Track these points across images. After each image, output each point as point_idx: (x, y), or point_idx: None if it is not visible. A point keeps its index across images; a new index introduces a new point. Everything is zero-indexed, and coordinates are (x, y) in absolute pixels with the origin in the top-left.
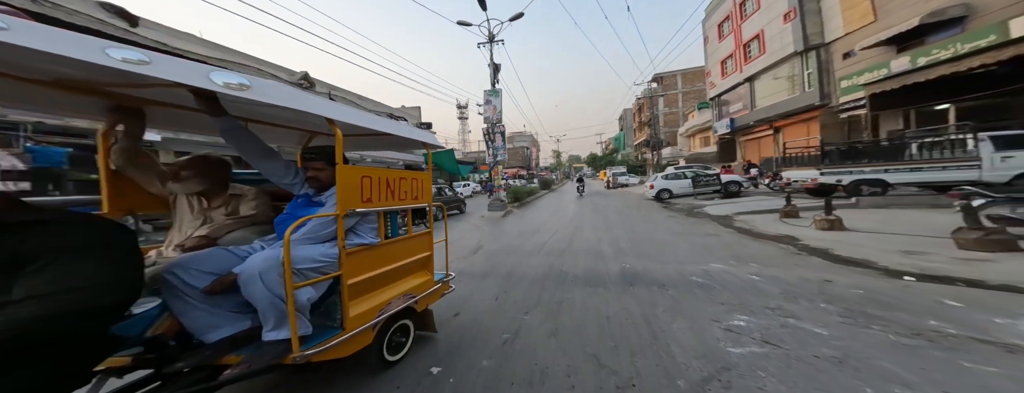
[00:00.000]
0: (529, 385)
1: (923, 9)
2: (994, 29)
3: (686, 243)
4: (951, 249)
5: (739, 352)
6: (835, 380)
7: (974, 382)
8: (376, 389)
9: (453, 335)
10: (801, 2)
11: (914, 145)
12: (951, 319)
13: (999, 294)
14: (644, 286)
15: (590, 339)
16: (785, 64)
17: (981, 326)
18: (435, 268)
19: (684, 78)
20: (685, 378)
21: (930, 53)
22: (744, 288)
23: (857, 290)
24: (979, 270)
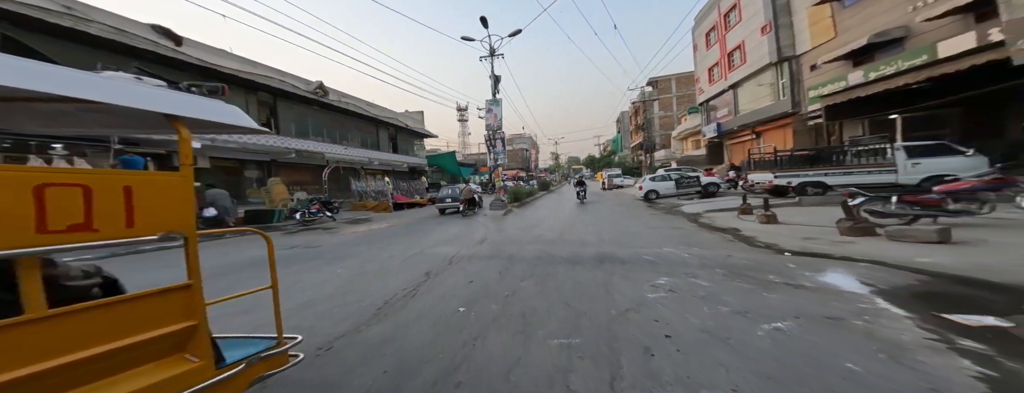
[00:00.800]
0: (522, 316)
1: (873, 28)
2: (926, 50)
3: (655, 234)
4: (834, 235)
5: (653, 296)
6: (695, 306)
7: (762, 302)
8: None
9: (471, 292)
10: (776, 17)
11: (850, 153)
12: (783, 274)
13: (833, 261)
14: (610, 263)
15: (565, 294)
16: (763, 73)
17: (794, 278)
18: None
19: (678, 82)
20: (617, 309)
21: (879, 69)
22: (677, 263)
23: (747, 262)
24: (837, 248)
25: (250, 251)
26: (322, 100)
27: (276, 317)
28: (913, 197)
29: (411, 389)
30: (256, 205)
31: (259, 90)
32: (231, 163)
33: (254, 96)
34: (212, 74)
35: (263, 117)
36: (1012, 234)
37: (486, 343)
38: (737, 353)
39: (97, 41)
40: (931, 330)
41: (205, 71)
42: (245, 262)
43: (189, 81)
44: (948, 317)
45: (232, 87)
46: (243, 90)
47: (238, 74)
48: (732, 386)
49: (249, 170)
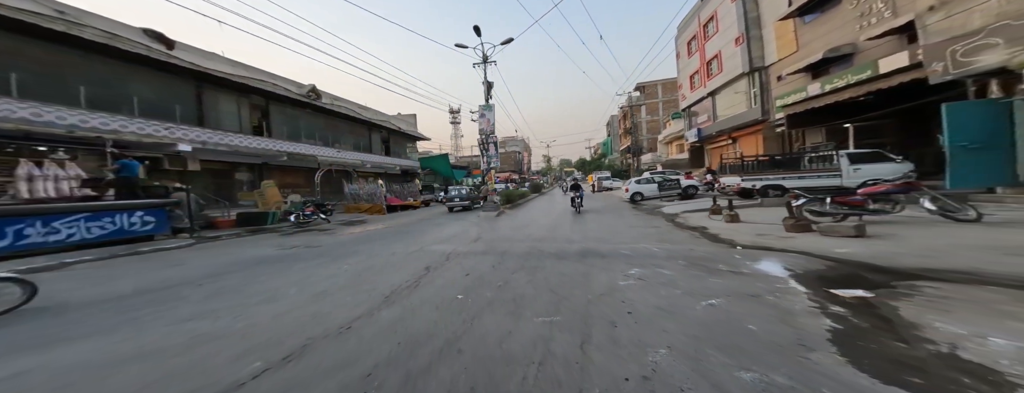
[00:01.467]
0: (513, 301)
1: (828, 44)
2: (870, 66)
3: (634, 232)
4: (781, 231)
5: (624, 283)
6: (656, 290)
7: (706, 285)
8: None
9: (468, 282)
10: (748, 29)
11: (805, 159)
12: (729, 264)
13: (772, 253)
14: (592, 257)
15: (551, 283)
16: (738, 82)
17: (737, 266)
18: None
19: (663, 88)
20: (593, 293)
21: (832, 81)
22: (648, 256)
23: (705, 254)
24: (779, 242)
25: (253, 250)
26: (315, 103)
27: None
28: (843, 198)
29: (422, 355)
30: (248, 208)
31: (252, 93)
32: (221, 166)
33: (247, 99)
34: (205, 78)
35: (255, 120)
36: (913, 229)
37: (482, 321)
38: (678, 322)
39: (90, 45)
40: (816, 301)
41: (198, 75)
42: (249, 261)
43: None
44: (832, 291)
45: (225, 90)
46: (236, 93)
47: (231, 78)
48: (668, 344)
49: (240, 173)
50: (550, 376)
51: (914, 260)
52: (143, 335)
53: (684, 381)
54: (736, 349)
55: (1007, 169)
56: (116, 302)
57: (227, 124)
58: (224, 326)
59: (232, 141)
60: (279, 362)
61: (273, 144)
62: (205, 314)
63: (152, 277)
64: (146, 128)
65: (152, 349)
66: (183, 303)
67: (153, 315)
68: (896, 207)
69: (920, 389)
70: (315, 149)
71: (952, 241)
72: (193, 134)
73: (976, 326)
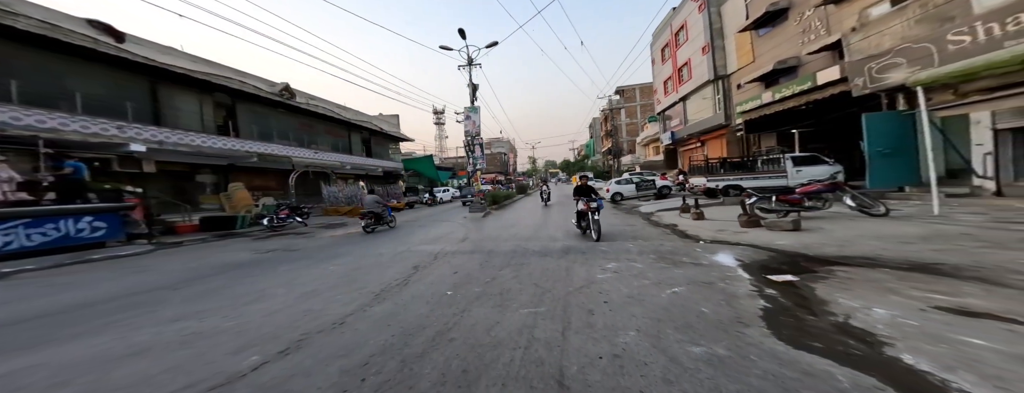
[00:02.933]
0: (500, 295)
1: (777, 56)
2: (810, 78)
3: (612, 230)
4: (736, 227)
5: (601, 276)
6: (628, 281)
7: (671, 276)
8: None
9: (457, 279)
10: (712, 39)
11: (758, 161)
12: (691, 256)
13: (728, 246)
14: (573, 253)
15: (535, 278)
16: (705, 88)
17: (698, 258)
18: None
19: (641, 92)
20: (573, 286)
21: (781, 91)
22: (624, 251)
23: (672, 248)
24: (734, 237)
25: (225, 255)
26: (288, 102)
27: None
28: (785, 197)
29: (416, 343)
30: (212, 211)
31: (216, 91)
32: (181, 167)
33: (210, 97)
34: (161, 74)
35: (220, 119)
36: (836, 223)
37: (471, 313)
38: (645, 308)
39: (24, 37)
40: (756, 286)
41: (152, 70)
42: (225, 265)
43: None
44: (769, 277)
45: (184, 87)
46: (197, 91)
47: (191, 74)
48: (636, 327)
49: (203, 175)
50: (534, 357)
51: (833, 249)
52: (132, 336)
53: (647, 356)
54: (690, 328)
55: (913, 171)
56: (89, 308)
57: (187, 123)
58: (215, 325)
59: (193, 141)
60: (277, 355)
61: (241, 144)
62: (191, 315)
63: (118, 284)
64: (91, 127)
65: (146, 347)
66: (163, 306)
67: (134, 318)
68: (826, 204)
69: (818, 351)
70: (289, 150)
71: (863, 233)
72: (148, 133)
73: (866, 301)
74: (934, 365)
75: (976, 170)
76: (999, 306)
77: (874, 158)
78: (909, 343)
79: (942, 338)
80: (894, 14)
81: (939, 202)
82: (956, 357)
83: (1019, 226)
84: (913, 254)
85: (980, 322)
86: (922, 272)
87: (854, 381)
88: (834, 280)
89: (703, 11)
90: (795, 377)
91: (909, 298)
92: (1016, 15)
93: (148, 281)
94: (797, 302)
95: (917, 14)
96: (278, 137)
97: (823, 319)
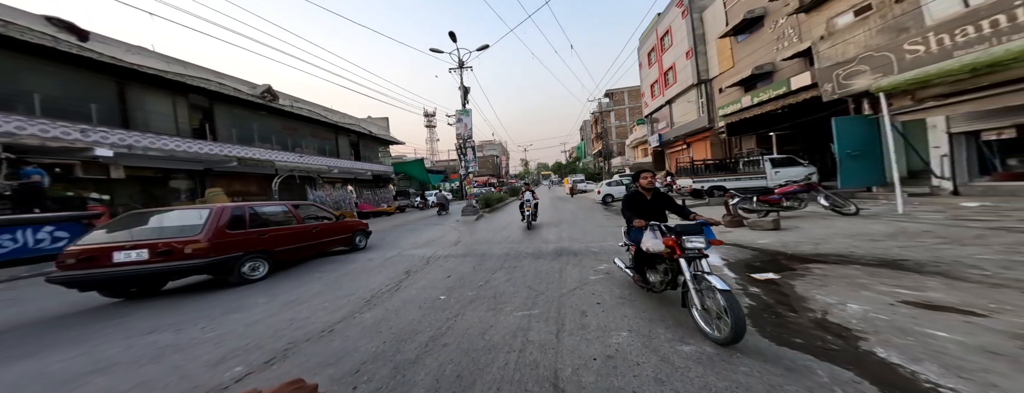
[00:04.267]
0: (493, 298)
1: (755, 62)
2: (785, 83)
3: (603, 231)
4: (721, 227)
5: (594, 278)
6: (620, 283)
7: None
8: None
9: (450, 283)
10: (696, 44)
11: (740, 163)
12: None
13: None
14: (565, 255)
15: (528, 280)
16: (689, 92)
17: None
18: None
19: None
20: (566, 288)
21: (759, 95)
22: (614, 252)
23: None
24: (719, 236)
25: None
26: (271, 105)
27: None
28: (765, 197)
29: (409, 349)
30: None
31: (191, 93)
32: (153, 173)
33: (185, 99)
34: (129, 74)
35: (195, 122)
36: (811, 222)
37: (465, 317)
38: (637, 309)
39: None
40: (741, 283)
41: (120, 71)
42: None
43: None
44: (752, 275)
45: (156, 89)
46: (170, 92)
47: (163, 74)
48: (629, 328)
49: (177, 180)
50: (529, 360)
51: (809, 247)
52: (99, 351)
53: (639, 356)
54: (680, 327)
55: (879, 173)
56: (48, 323)
57: (159, 126)
58: (191, 337)
59: (166, 145)
60: (261, 365)
61: (219, 148)
62: (165, 327)
63: (83, 295)
64: (51, 130)
65: (113, 362)
66: (133, 318)
67: (101, 332)
68: (802, 204)
69: (800, 347)
70: (272, 153)
71: (836, 231)
72: (115, 137)
73: (841, 297)
74: (904, 357)
75: (934, 171)
76: (958, 299)
77: (844, 160)
78: (880, 337)
79: (910, 331)
80: (857, 24)
81: (903, 201)
82: (923, 349)
83: (973, 223)
84: (881, 251)
85: (942, 315)
86: (890, 268)
87: (833, 375)
88: (811, 277)
89: (686, 17)
90: (779, 373)
91: (879, 293)
92: (963, 27)
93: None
94: (779, 299)
95: (878, 24)
96: (260, 140)
97: (803, 316)
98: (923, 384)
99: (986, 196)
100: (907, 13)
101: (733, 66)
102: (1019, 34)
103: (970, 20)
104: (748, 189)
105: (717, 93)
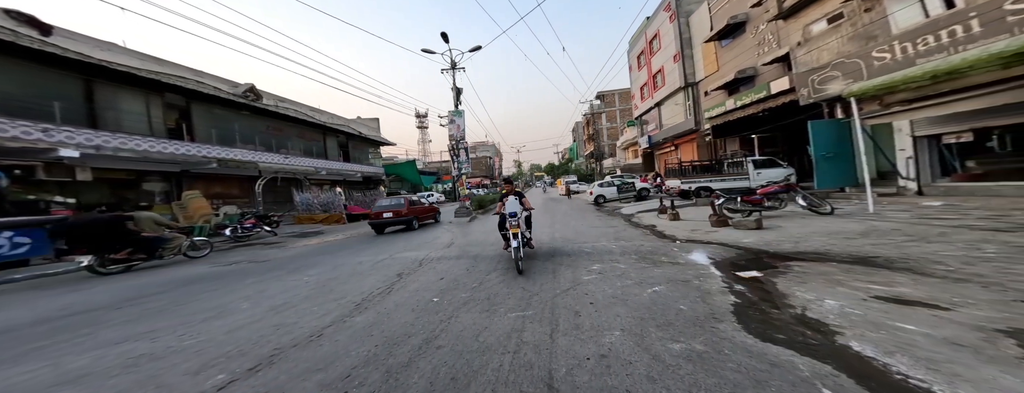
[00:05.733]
0: (487, 299)
1: (738, 66)
2: (765, 87)
3: (595, 232)
4: (708, 226)
5: (587, 277)
6: (612, 282)
7: (651, 275)
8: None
9: (443, 286)
10: (682, 48)
11: (725, 164)
12: (669, 256)
13: (700, 245)
14: (559, 256)
15: (522, 280)
16: (677, 95)
17: (675, 257)
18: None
19: (620, 97)
20: (560, 288)
21: (742, 99)
22: (607, 252)
23: (651, 248)
24: (706, 236)
25: (181, 269)
26: (254, 104)
27: None
28: (748, 197)
29: (401, 353)
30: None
31: (167, 91)
32: (124, 174)
33: (159, 97)
34: (98, 71)
35: (171, 122)
36: (790, 221)
37: (459, 319)
38: (629, 307)
39: None
40: (727, 282)
41: (87, 67)
42: (179, 280)
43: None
44: (737, 273)
45: (128, 87)
46: (143, 90)
47: (136, 72)
48: (621, 327)
49: (151, 182)
50: (523, 361)
51: (790, 246)
52: (66, 362)
53: (631, 355)
54: (670, 325)
55: (852, 174)
56: (8, 333)
57: (131, 126)
58: (168, 345)
59: (139, 145)
60: (246, 373)
61: (198, 149)
62: (139, 336)
63: (47, 304)
64: (10, 130)
65: (83, 373)
66: (103, 327)
67: (69, 342)
68: (782, 204)
69: (782, 342)
70: (255, 155)
71: (814, 230)
72: (81, 137)
73: (819, 293)
74: (877, 351)
75: (901, 172)
76: (925, 294)
77: (819, 161)
78: (856, 331)
79: (882, 325)
80: (830, 31)
81: (873, 201)
82: (894, 342)
83: (937, 222)
84: (855, 249)
85: (911, 309)
86: (863, 265)
87: (813, 369)
88: (792, 275)
89: (674, 21)
90: (763, 369)
91: (853, 289)
92: (924, 37)
93: (84, 301)
94: (762, 297)
95: (849, 32)
96: (242, 141)
97: (784, 312)
98: (895, 376)
99: (947, 196)
100: (875, 22)
101: (718, 70)
102: (974, 44)
103: (930, 30)
104: (733, 190)
105: (703, 96)
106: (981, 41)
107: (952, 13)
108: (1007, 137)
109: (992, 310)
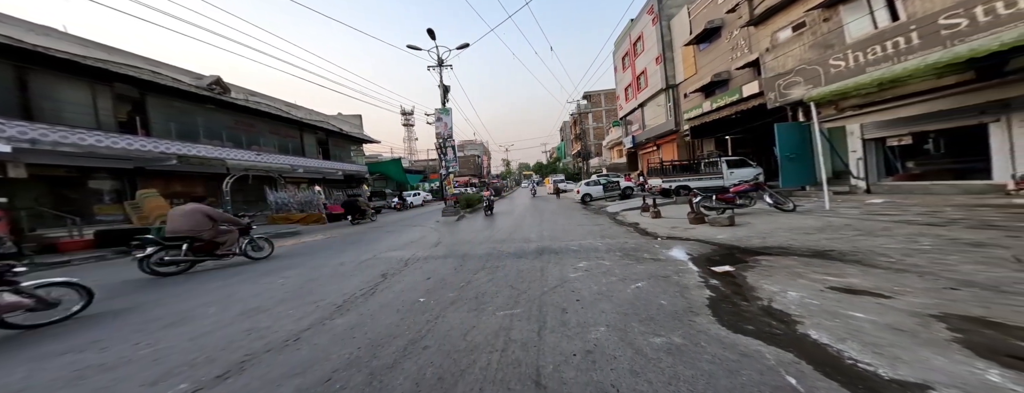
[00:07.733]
0: (475, 298)
1: (714, 70)
2: (738, 90)
3: (582, 230)
4: (686, 224)
5: (573, 275)
6: (598, 279)
7: (634, 271)
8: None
9: (429, 286)
10: (664, 51)
11: (702, 164)
12: (651, 252)
13: (680, 241)
14: (546, 254)
15: (510, 279)
16: (659, 96)
17: (656, 254)
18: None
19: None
20: (547, 286)
21: (717, 101)
22: (593, 250)
23: (634, 245)
24: (684, 233)
25: (126, 275)
26: (220, 98)
27: None
28: (722, 196)
29: (385, 354)
30: (113, 224)
31: (116, 81)
32: (65, 171)
33: (108, 88)
34: (32, 57)
35: (123, 114)
36: (759, 218)
37: (446, 319)
38: (613, 303)
39: None
40: (702, 276)
41: (19, 53)
42: (129, 285)
43: None
44: (712, 268)
45: (69, 76)
46: (88, 80)
47: (79, 60)
48: (606, 323)
49: (99, 180)
50: (511, 359)
51: (758, 241)
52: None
53: (616, 350)
54: (651, 320)
55: (811, 173)
56: None
57: (74, 118)
58: (120, 355)
59: (83, 140)
60: (213, 380)
61: (154, 144)
62: (83, 347)
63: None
64: None
65: (17, 389)
66: (40, 337)
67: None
68: (751, 202)
69: (751, 333)
70: (222, 151)
71: (779, 226)
72: (14, 130)
73: (783, 285)
74: (831, 338)
75: (852, 172)
76: (871, 284)
77: (784, 162)
78: (813, 320)
79: (836, 314)
80: (794, 39)
81: (829, 199)
82: (846, 329)
83: (882, 218)
84: (813, 243)
85: (860, 298)
86: (819, 258)
87: (778, 358)
88: (760, 268)
89: (656, 24)
90: (735, 359)
91: (812, 281)
92: (873, 46)
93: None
94: (734, 290)
95: (810, 40)
96: (207, 137)
97: (753, 304)
98: (846, 361)
99: (891, 193)
100: (832, 31)
101: (696, 73)
102: (914, 54)
103: (878, 41)
104: (709, 188)
105: (683, 98)
106: (920, 52)
107: (896, 25)
108: (941, 141)
109: (927, 297)
